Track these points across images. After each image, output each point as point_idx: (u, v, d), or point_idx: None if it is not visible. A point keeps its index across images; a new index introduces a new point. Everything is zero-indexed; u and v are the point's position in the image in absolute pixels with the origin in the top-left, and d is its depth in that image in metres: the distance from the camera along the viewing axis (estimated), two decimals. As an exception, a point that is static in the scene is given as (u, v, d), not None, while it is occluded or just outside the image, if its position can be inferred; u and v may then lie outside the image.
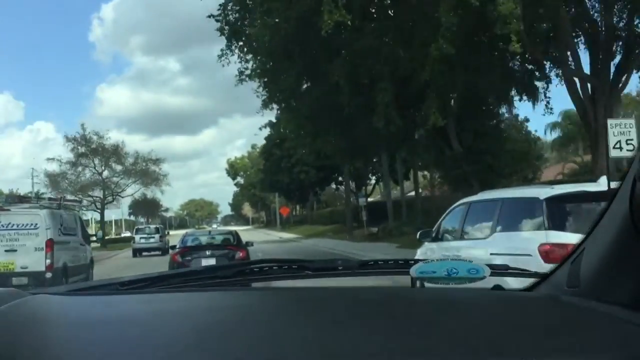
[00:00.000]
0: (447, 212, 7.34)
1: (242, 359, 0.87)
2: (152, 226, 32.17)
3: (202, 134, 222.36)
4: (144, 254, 26.34)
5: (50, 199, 13.95)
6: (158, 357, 0.88)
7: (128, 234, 48.16)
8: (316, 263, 1.56)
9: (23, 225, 10.13)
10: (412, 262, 1.35)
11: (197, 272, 1.53)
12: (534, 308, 1.18)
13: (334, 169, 43.81)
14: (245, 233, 21.53)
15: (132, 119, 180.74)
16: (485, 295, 1.30)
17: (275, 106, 21.82)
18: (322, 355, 0.87)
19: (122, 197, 43.09)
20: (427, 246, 7.56)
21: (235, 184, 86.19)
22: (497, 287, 1.41)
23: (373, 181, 46.04)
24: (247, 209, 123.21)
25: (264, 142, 53.18)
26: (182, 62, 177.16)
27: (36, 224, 9.97)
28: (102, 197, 40.46)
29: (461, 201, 7.29)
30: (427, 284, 1.30)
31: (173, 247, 11.99)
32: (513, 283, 1.57)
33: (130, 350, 0.92)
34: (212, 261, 9.52)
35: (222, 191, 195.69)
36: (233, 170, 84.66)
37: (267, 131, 46.67)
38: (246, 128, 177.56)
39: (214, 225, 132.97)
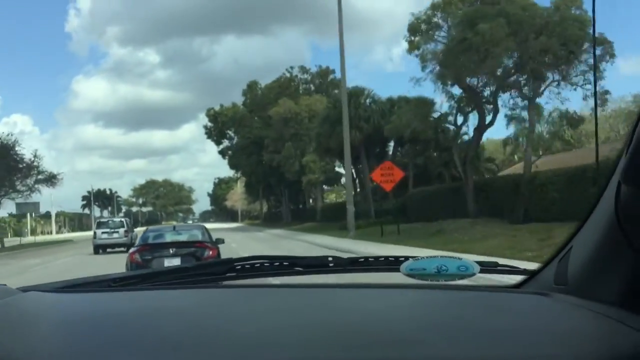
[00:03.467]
0: None
1: (238, 356, 0.91)
2: (117, 219, 31.06)
3: (181, 129, 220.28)
4: (108, 250, 24.78)
5: None
6: (152, 354, 0.92)
7: (72, 234, 38.81)
8: (307, 260, 1.61)
9: None
10: (403, 259, 1.39)
11: (188, 269, 1.59)
12: (523, 305, 1.22)
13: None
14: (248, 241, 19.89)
15: (109, 112, 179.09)
16: (474, 292, 1.34)
17: None
18: (314, 352, 0.94)
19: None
20: None
21: (222, 151, 67.29)
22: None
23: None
24: (236, 198, 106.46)
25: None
26: (162, 54, 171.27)
27: None
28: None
29: None
30: (417, 281, 1.35)
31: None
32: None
33: (124, 348, 0.95)
34: (176, 261, 8.40)
35: (201, 188, 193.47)
36: (217, 126, 65.40)
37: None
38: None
39: (189, 222, 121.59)
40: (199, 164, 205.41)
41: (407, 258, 1.39)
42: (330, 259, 1.56)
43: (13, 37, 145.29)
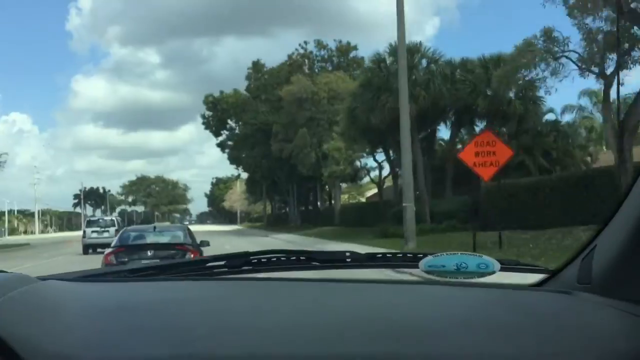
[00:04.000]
0: None
1: (256, 348, 0.94)
2: (107, 218, 29.96)
3: (180, 130, 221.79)
4: (98, 250, 21.72)
5: None
6: (173, 344, 0.94)
7: (57, 234, 40.40)
8: (324, 254, 1.64)
9: None
10: (421, 255, 1.40)
11: (204, 261, 1.61)
12: (546, 303, 1.24)
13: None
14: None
15: (108, 112, 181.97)
16: (495, 290, 1.37)
17: None
18: (332, 346, 0.95)
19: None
20: None
21: (221, 144, 61.73)
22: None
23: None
24: (235, 198, 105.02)
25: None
26: (162, 55, 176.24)
27: None
28: None
29: None
30: (436, 278, 1.34)
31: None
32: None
33: (145, 337, 0.99)
34: None
35: (198, 189, 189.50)
36: (216, 114, 59.16)
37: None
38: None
39: (185, 224, 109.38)
40: (198, 166, 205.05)
41: (425, 254, 1.39)
42: (347, 254, 1.57)
43: (13, 35, 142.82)
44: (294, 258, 1.59)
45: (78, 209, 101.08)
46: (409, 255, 1.54)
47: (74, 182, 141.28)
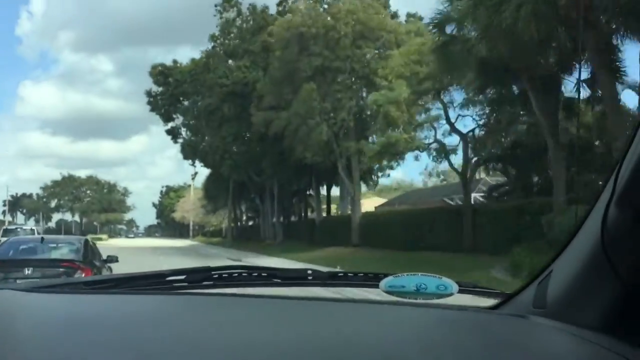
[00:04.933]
0: None
1: None
2: (26, 227, 30.20)
3: (131, 141, 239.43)
4: None
5: None
6: (125, 358, 1.02)
7: None
8: (286, 272, 1.84)
9: None
10: (382, 275, 1.62)
11: (163, 275, 1.72)
12: (500, 326, 1.39)
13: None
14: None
15: (57, 119, 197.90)
16: (452, 312, 1.53)
17: None
18: None
19: None
20: None
21: (171, 130, 51.96)
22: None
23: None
24: (187, 208, 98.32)
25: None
26: (115, 63, 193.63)
27: None
28: None
29: None
30: (395, 298, 1.57)
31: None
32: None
33: (100, 351, 1.05)
34: None
35: (149, 201, 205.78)
36: (168, 90, 47.61)
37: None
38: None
39: (130, 236, 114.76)
40: (149, 177, 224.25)
41: (386, 275, 1.60)
42: (309, 272, 1.78)
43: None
44: (256, 274, 1.75)
45: (9, 217, 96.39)
46: (370, 275, 1.73)
47: (17, 191, 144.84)
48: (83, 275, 8.19)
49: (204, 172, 57.87)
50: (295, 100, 30.63)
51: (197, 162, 52.65)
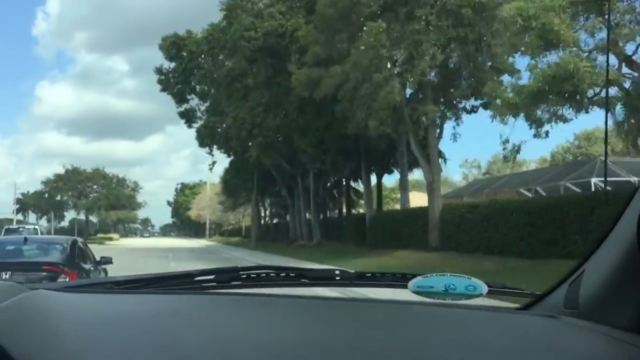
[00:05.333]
0: None
1: None
2: (29, 226, 28.76)
3: (147, 140, 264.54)
4: None
5: None
6: (161, 357, 1.11)
7: None
8: (314, 272, 2.00)
9: None
10: (410, 275, 1.73)
11: (192, 275, 1.85)
12: (532, 327, 1.46)
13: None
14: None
15: (73, 120, 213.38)
16: (482, 312, 1.63)
17: None
18: None
19: None
20: None
21: (185, 113, 44.62)
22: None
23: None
24: (203, 205, 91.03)
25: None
26: (130, 63, 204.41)
27: None
28: None
29: None
30: (424, 299, 1.72)
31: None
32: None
33: (135, 349, 1.15)
34: None
35: (164, 201, 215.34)
36: (181, 64, 40.10)
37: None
38: (193, 137, 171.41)
39: (145, 236, 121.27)
40: (164, 177, 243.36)
41: (414, 275, 1.73)
42: (337, 272, 1.90)
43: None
44: (284, 274, 1.85)
45: (20, 216, 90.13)
46: (397, 275, 1.83)
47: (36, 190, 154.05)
48: (67, 279, 7.87)
49: (222, 163, 53.22)
50: (354, 48, 23.50)
51: (215, 154, 47.51)
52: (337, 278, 1.82)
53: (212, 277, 1.76)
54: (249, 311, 1.52)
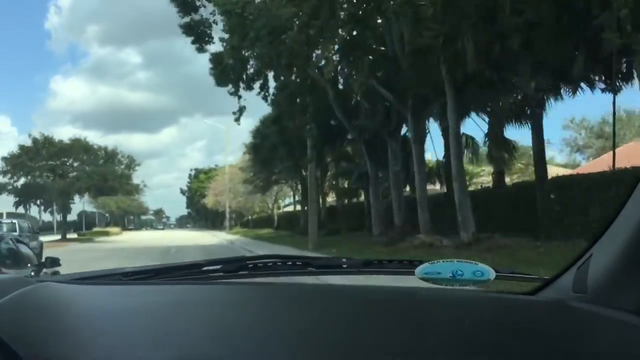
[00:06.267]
0: None
1: (252, 353, 1.13)
2: (6, 220, 24.93)
3: (161, 132, 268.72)
4: None
5: None
6: (173, 346, 1.13)
7: None
8: (320, 260, 1.99)
9: None
10: (417, 262, 1.75)
11: (199, 265, 1.89)
12: (540, 311, 1.49)
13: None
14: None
15: (87, 113, 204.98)
16: (490, 298, 1.67)
17: None
18: (330, 352, 1.13)
19: None
20: None
21: (217, 58, 24.51)
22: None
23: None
24: (220, 188, 71.40)
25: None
26: (143, 55, 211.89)
27: None
28: None
29: None
30: (431, 285, 1.71)
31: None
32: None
33: (144, 339, 1.17)
34: None
35: (179, 193, 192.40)
36: None
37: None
38: (207, 129, 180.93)
39: (160, 228, 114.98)
40: (180, 169, 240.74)
41: (422, 262, 1.75)
42: (343, 260, 1.93)
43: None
44: (291, 263, 1.86)
45: (22, 209, 68.38)
46: (405, 262, 1.87)
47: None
48: None
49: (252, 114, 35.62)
50: None
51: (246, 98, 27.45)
52: (344, 266, 1.80)
53: (219, 267, 1.75)
54: (256, 300, 1.53)
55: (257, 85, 26.81)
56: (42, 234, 32.79)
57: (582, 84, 19.02)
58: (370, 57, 23.79)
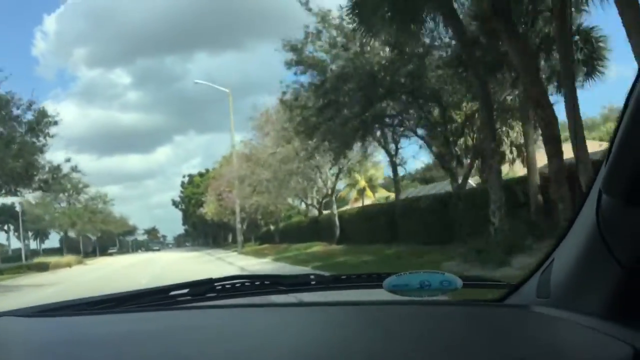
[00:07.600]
0: None
1: None
2: None
3: (156, 152, 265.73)
4: None
5: None
6: None
7: None
8: (289, 278, 2.02)
9: None
10: (385, 275, 1.80)
11: (166, 290, 1.89)
12: (505, 318, 1.57)
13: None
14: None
15: (80, 137, 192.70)
16: (457, 307, 1.76)
17: None
18: None
19: None
20: None
21: None
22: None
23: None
24: (221, 187, 45.52)
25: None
26: (132, 75, 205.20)
27: None
28: None
29: None
30: (400, 297, 1.78)
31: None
32: None
33: None
34: None
35: (178, 213, 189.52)
36: None
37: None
38: (201, 146, 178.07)
39: (155, 249, 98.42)
40: (176, 187, 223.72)
41: (389, 274, 1.79)
42: (312, 276, 1.96)
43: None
44: (258, 283, 1.88)
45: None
46: (373, 275, 1.89)
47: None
48: None
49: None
50: None
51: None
52: (313, 282, 1.81)
53: (186, 290, 1.75)
54: (224, 323, 1.52)
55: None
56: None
57: None
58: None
